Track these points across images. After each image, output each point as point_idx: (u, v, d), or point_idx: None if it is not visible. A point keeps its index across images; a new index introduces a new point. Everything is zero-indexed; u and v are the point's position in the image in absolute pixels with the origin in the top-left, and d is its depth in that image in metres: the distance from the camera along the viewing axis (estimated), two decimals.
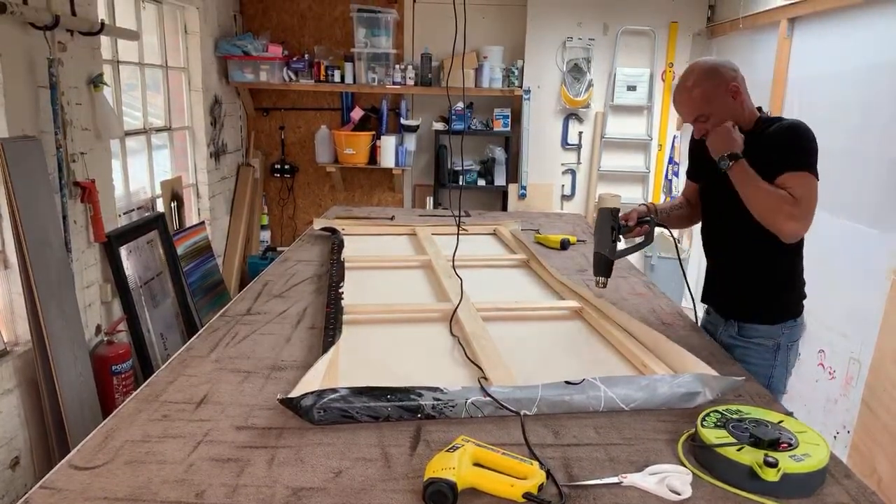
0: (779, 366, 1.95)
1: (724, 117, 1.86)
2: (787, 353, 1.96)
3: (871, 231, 2.90)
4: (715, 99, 1.86)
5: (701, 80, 1.88)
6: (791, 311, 1.96)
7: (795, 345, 1.98)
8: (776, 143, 1.79)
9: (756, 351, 1.94)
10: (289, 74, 5.22)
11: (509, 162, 5.42)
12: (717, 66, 1.90)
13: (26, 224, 2.73)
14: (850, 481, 1.23)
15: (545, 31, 5.21)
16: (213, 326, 1.95)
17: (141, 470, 1.21)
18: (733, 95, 1.86)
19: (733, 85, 1.86)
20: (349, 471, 1.23)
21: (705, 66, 1.90)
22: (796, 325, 1.96)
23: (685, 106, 1.92)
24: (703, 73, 1.89)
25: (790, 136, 1.79)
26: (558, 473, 1.22)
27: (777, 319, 1.94)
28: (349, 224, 3.24)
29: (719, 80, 1.86)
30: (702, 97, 1.87)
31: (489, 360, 1.68)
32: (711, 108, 1.87)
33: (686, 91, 1.90)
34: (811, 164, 1.75)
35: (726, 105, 1.86)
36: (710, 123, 1.88)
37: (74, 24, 3.10)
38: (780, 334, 1.94)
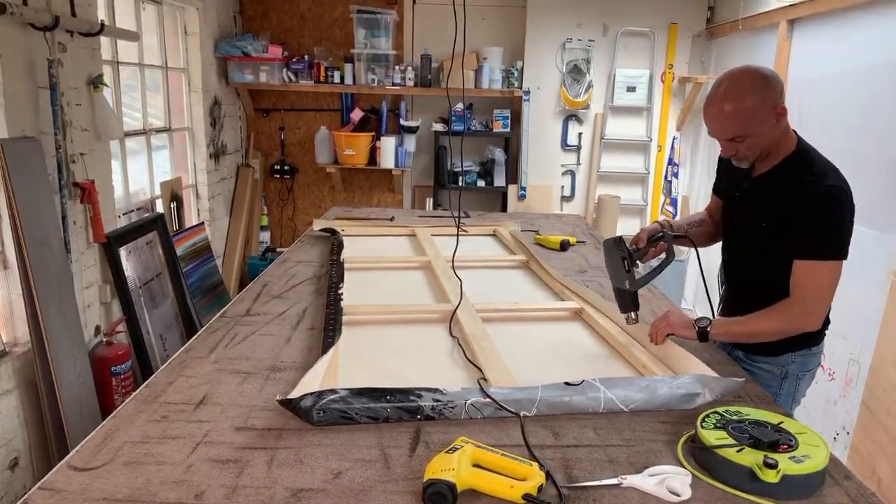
0: (784, 395, 1.83)
1: (762, 142, 1.62)
2: (795, 382, 1.83)
3: (871, 232, 2.90)
4: (756, 120, 1.57)
5: (743, 94, 1.56)
6: (803, 341, 1.77)
7: (809, 374, 1.85)
8: (803, 214, 1.59)
9: (761, 376, 1.83)
10: (288, 75, 5.22)
11: (509, 163, 5.42)
12: (765, 78, 1.58)
13: (26, 225, 2.73)
14: (850, 483, 1.23)
15: (545, 33, 5.21)
16: (212, 327, 1.95)
17: (140, 471, 1.21)
18: (777, 118, 1.58)
19: (781, 106, 1.58)
20: (349, 472, 1.22)
21: (750, 76, 1.58)
22: (809, 354, 1.82)
23: (717, 122, 1.62)
24: (747, 84, 1.57)
25: (817, 214, 1.57)
26: (558, 475, 1.22)
27: (782, 350, 1.79)
28: (349, 225, 3.24)
29: (765, 96, 1.56)
30: (740, 116, 1.58)
31: (489, 361, 1.68)
32: (750, 130, 1.59)
33: (722, 105, 1.59)
34: (832, 251, 1.58)
35: (766, 129, 1.59)
36: (745, 146, 1.63)
37: (74, 25, 3.10)
38: (790, 362, 1.81)
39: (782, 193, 1.66)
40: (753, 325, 1.66)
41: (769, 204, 1.70)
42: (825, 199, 1.57)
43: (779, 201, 1.66)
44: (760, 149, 1.66)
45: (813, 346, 1.83)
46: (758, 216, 1.74)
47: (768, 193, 1.71)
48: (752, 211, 1.77)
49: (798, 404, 1.91)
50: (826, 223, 1.58)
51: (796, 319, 1.63)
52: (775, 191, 1.69)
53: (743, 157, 1.68)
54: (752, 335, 1.71)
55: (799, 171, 1.64)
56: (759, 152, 1.67)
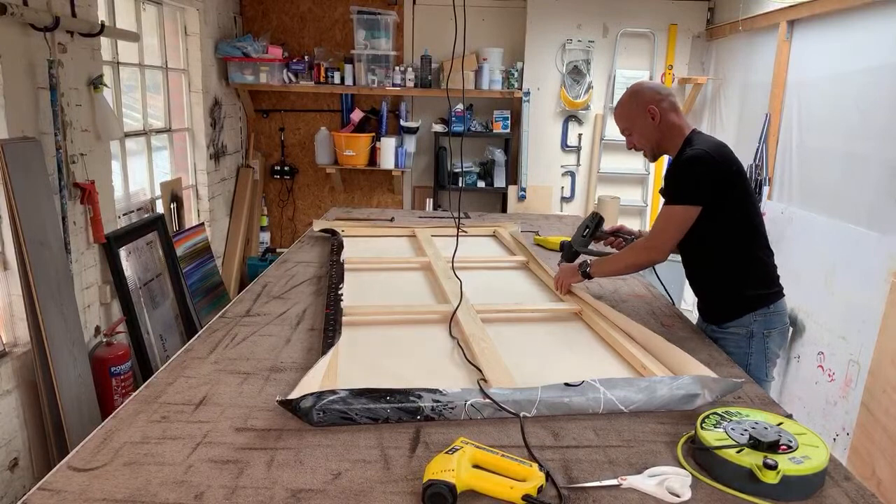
0: (755, 353, 2.01)
1: (643, 134, 2.09)
2: (763, 340, 2.01)
3: (870, 233, 2.90)
4: (634, 117, 2.09)
5: (626, 99, 2.12)
6: (757, 302, 2.02)
7: (775, 332, 2.03)
8: (670, 178, 2.02)
9: (732, 340, 2.03)
10: (289, 76, 5.23)
11: (509, 164, 5.42)
12: (642, 88, 2.12)
13: (26, 225, 2.73)
14: (850, 483, 1.23)
15: (545, 33, 5.21)
16: (212, 328, 1.95)
17: (140, 471, 1.21)
18: (651, 117, 2.05)
19: (651, 107, 2.04)
20: (348, 472, 1.22)
21: (632, 87, 2.15)
22: (769, 313, 2.02)
23: (616, 117, 2.20)
24: (629, 92, 2.13)
25: (676, 172, 1.99)
26: (558, 475, 1.22)
27: (741, 312, 2.02)
28: (349, 225, 3.24)
29: (639, 100, 2.07)
30: (625, 114, 2.13)
31: (488, 362, 1.68)
32: (632, 125, 2.11)
33: (617, 106, 2.19)
34: (676, 196, 1.96)
35: (645, 124, 2.07)
36: (634, 138, 2.12)
37: (75, 26, 3.10)
38: (751, 322, 2.01)
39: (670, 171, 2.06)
40: (618, 260, 2.14)
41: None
42: (684, 160, 1.98)
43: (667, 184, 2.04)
44: (649, 142, 2.10)
45: (769, 303, 2.03)
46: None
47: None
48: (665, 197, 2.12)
49: (773, 364, 2.07)
50: (680, 177, 1.98)
51: (643, 252, 2.05)
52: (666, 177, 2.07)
53: (640, 149, 2.14)
54: (620, 269, 2.17)
55: (681, 151, 2.04)
56: (651, 146, 2.11)
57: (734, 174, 1.97)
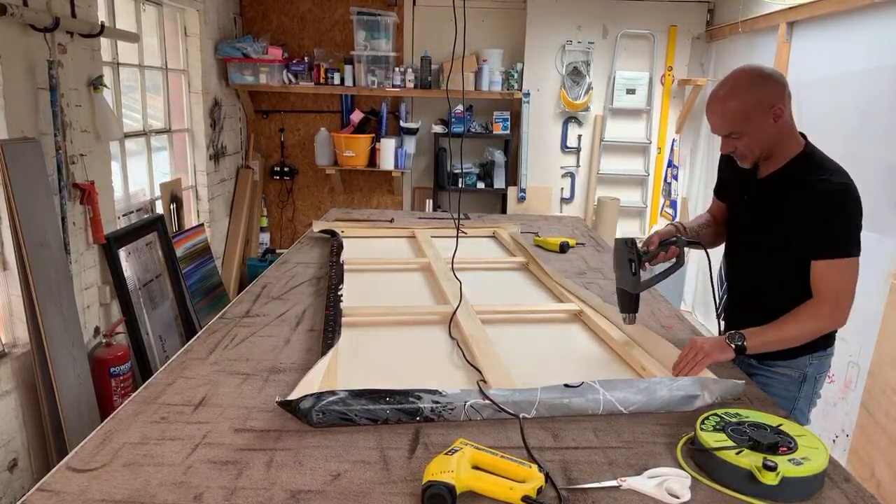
0: (803, 398, 1.82)
1: (758, 139, 1.64)
2: (813, 384, 1.81)
3: (870, 235, 2.89)
4: (754, 117, 1.61)
5: (739, 92, 1.62)
6: (821, 342, 1.76)
7: (823, 375, 1.84)
8: (816, 214, 1.60)
9: (778, 381, 1.80)
10: (288, 77, 5.23)
11: (508, 165, 5.42)
12: (765, 77, 1.62)
13: (25, 225, 2.73)
14: (849, 485, 1.23)
15: (545, 35, 5.22)
16: (211, 328, 1.95)
17: (139, 472, 1.21)
18: (774, 118, 1.62)
19: (778, 107, 1.61)
20: (348, 473, 1.22)
21: (749, 75, 1.63)
22: (825, 356, 1.82)
23: (717, 118, 1.67)
24: (745, 82, 1.62)
25: (833, 211, 1.58)
26: (557, 477, 1.22)
27: (799, 352, 1.76)
28: (348, 226, 3.24)
29: (762, 95, 1.60)
30: (737, 112, 1.62)
31: (488, 363, 1.68)
32: (746, 128, 1.63)
33: (720, 101, 1.64)
34: (849, 247, 1.60)
35: (764, 127, 1.62)
36: (743, 143, 1.66)
37: (74, 26, 3.10)
38: (807, 365, 1.79)
39: (790, 193, 1.66)
40: (786, 329, 1.64)
41: (776, 205, 1.70)
42: (838, 195, 1.58)
43: (786, 202, 1.66)
44: (759, 147, 1.68)
45: (829, 346, 1.82)
46: (764, 218, 1.75)
47: (775, 195, 1.71)
48: (759, 213, 1.77)
49: (815, 405, 1.88)
50: (842, 220, 1.59)
51: (826, 319, 1.63)
52: (782, 192, 1.68)
53: (742, 154, 1.70)
54: (786, 341, 1.67)
55: (807, 171, 1.65)
56: (759, 151, 1.69)
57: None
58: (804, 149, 1.70)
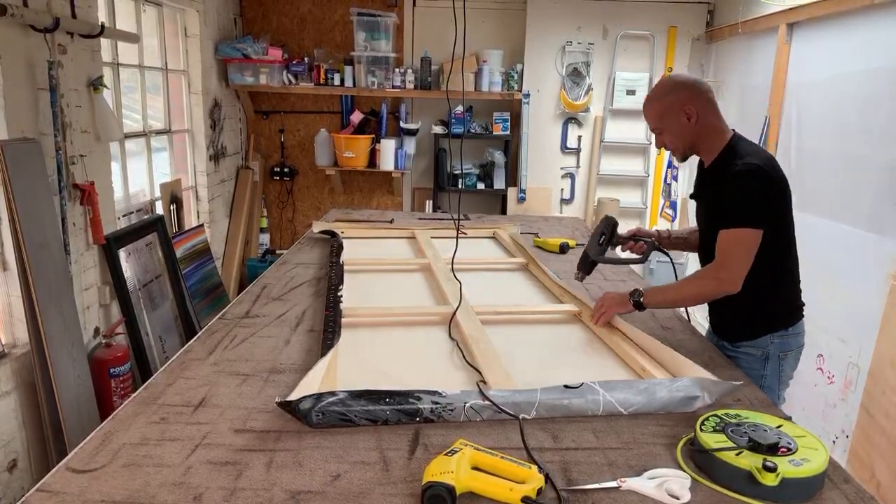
0: (769, 376, 1.91)
1: (676, 135, 1.90)
2: (778, 363, 1.91)
3: (870, 235, 2.90)
4: (667, 117, 1.89)
5: (660, 95, 1.92)
6: (779, 322, 1.92)
7: (791, 355, 1.94)
8: (725, 194, 1.81)
9: (744, 360, 1.92)
10: (288, 77, 5.23)
11: (508, 165, 5.42)
12: (679, 84, 1.91)
13: (25, 226, 2.73)
14: (849, 486, 1.23)
15: (545, 35, 5.22)
16: (211, 329, 1.95)
17: (139, 473, 1.21)
18: (687, 118, 1.86)
19: (688, 108, 1.85)
20: (347, 474, 1.22)
21: (668, 82, 1.94)
22: (788, 335, 1.92)
23: (646, 115, 1.97)
24: (664, 88, 1.92)
25: (733, 189, 1.79)
26: (557, 477, 1.22)
27: (760, 332, 1.91)
28: (348, 227, 3.24)
29: (675, 98, 1.87)
30: (657, 111, 1.91)
31: (488, 364, 1.68)
32: (663, 125, 1.91)
33: (647, 102, 1.95)
34: (747, 218, 1.77)
35: (678, 125, 1.88)
36: (666, 139, 1.93)
37: (75, 27, 3.10)
38: (769, 343, 1.91)
39: (718, 183, 1.87)
40: (682, 289, 1.90)
41: (713, 195, 1.90)
42: (742, 174, 1.79)
43: (716, 190, 1.87)
44: (681, 143, 1.92)
45: (789, 326, 1.93)
46: (705, 207, 1.98)
47: (709, 184, 1.94)
48: (704, 204, 1.99)
49: (786, 386, 1.99)
50: (741, 194, 1.78)
51: (717, 281, 1.80)
52: (714, 181, 1.90)
53: (672, 150, 1.97)
54: (682, 299, 1.94)
55: (726, 158, 1.88)
56: (682, 146, 1.93)
57: (785, 189, 1.85)
58: (729, 141, 1.90)
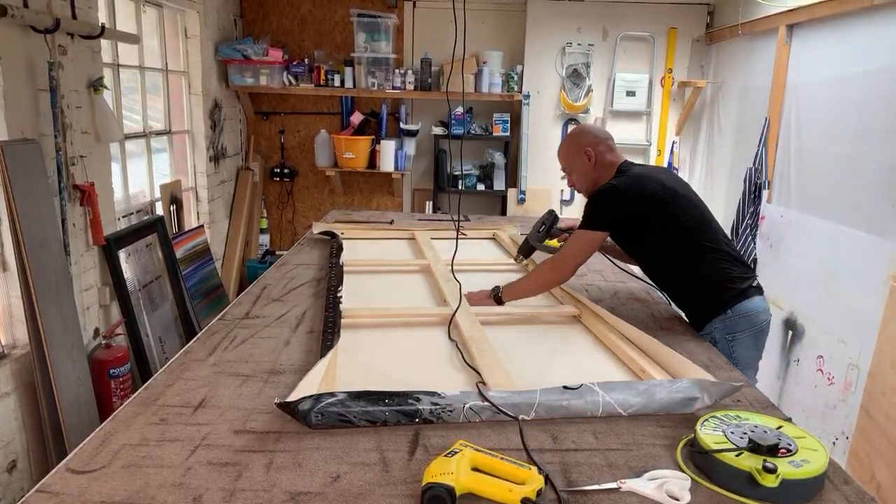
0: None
1: (581, 173, 2.27)
2: (727, 346, 2.05)
3: (870, 237, 2.90)
4: (573, 157, 2.27)
5: (566, 141, 2.34)
6: (714, 309, 2.08)
7: (743, 336, 2.06)
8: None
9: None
10: (289, 78, 5.23)
11: (508, 166, 5.42)
12: (581, 132, 2.33)
13: (25, 227, 2.73)
14: (849, 487, 1.23)
15: (545, 37, 5.22)
16: (211, 330, 1.95)
17: (138, 474, 1.21)
18: (588, 158, 2.22)
19: (588, 149, 2.22)
20: (347, 475, 1.22)
21: (573, 131, 2.38)
22: (728, 318, 2.06)
23: (559, 156, 2.36)
24: (570, 135, 2.36)
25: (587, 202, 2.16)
26: (557, 479, 1.22)
27: (703, 321, 2.10)
28: (348, 228, 3.24)
29: (578, 142, 2.26)
30: (564, 154, 2.33)
31: (487, 365, 1.68)
32: (570, 165, 2.30)
33: (560, 146, 2.37)
34: (584, 223, 2.13)
35: (582, 164, 2.24)
36: (574, 178, 2.31)
37: (75, 28, 3.10)
38: (713, 329, 2.07)
39: None
40: (524, 282, 2.23)
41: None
42: (595, 192, 2.16)
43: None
44: (585, 181, 2.27)
45: (728, 308, 2.06)
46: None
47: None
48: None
49: (752, 369, 2.11)
50: (588, 205, 2.14)
51: (549, 273, 2.18)
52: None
53: (578, 189, 2.33)
54: (528, 289, 2.22)
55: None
56: (587, 184, 2.26)
57: (648, 201, 2.06)
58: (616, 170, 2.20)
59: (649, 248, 2.17)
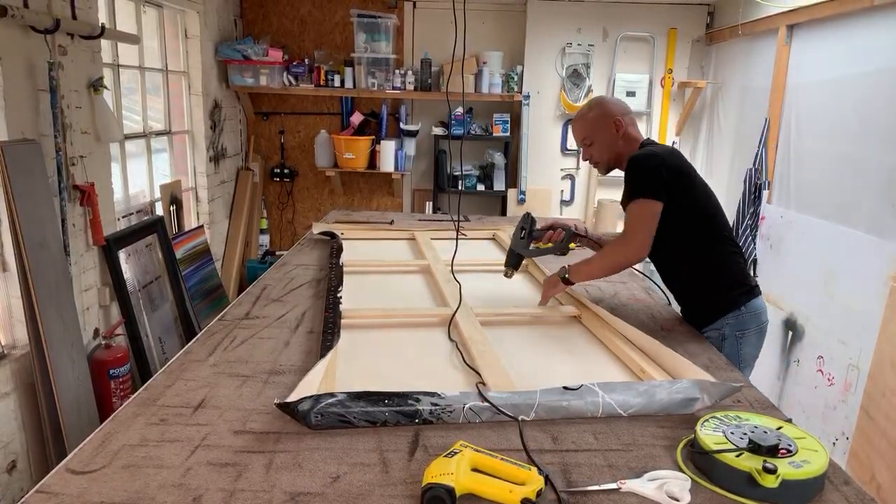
0: (727, 355, 1.99)
1: (605, 145, 2.14)
2: (736, 343, 2.03)
3: (870, 237, 2.90)
4: (598, 128, 2.14)
5: (590, 110, 2.18)
6: (728, 305, 2.05)
7: (750, 333, 2.05)
8: (626, 181, 2.06)
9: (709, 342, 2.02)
10: (289, 79, 5.23)
11: (508, 167, 5.43)
12: (607, 101, 2.21)
13: (25, 227, 2.73)
14: (849, 488, 1.23)
15: (545, 37, 5.22)
16: (211, 330, 1.95)
17: (138, 474, 1.21)
18: (616, 128, 2.12)
19: (617, 119, 2.12)
20: (347, 476, 1.22)
21: (596, 99, 2.23)
22: (741, 315, 2.03)
23: (577, 128, 2.21)
24: (595, 103, 2.20)
25: (628, 172, 2.04)
26: (557, 479, 1.22)
27: (714, 316, 2.05)
28: (348, 228, 3.24)
29: (605, 111, 2.15)
30: (588, 124, 2.17)
31: (487, 366, 1.68)
32: (594, 135, 2.15)
33: (579, 116, 2.21)
34: (640, 191, 1.98)
35: (608, 135, 2.13)
36: (594, 149, 2.16)
37: (75, 28, 3.10)
38: (724, 325, 2.04)
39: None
40: (598, 262, 2.07)
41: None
42: (635, 159, 2.03)
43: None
44: (608, 153, 2.15)
45: (742, 304, 2.04)
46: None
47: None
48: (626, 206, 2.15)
49: (749, 367, 2.08)
50: (631, 173, 2.03)
51: (621, 251, 2.02)
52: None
53: (596, 161, 2.19)
54: (597, 272, 2.10)
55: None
56: (609, 157, 2.16)
57: (683, 175, 2.01)
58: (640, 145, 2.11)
59: (672, 230, 2.02)
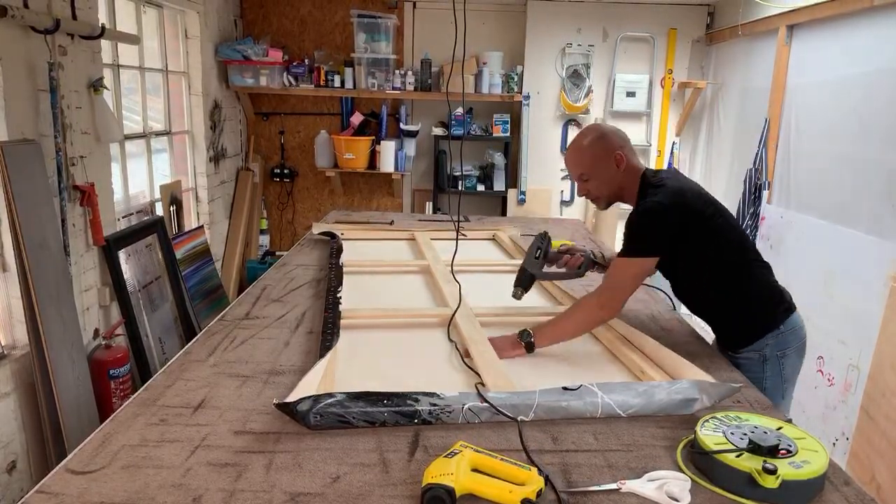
0: (770, 376, 1.92)
1: (605, 181, 1.96)
2: (777, 362, 1.93)
3: (870, 237, 2.90)
4: (598, 163, 1.95)
5: (589, 142, 1.97)
6: (766, 326, 1.93)
7: (789, 352, 1.95)
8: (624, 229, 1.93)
9: (746, 365, 1.93)
10: (289, 79, 5.23)
11: (508, 167, 5.42)
12: (606, 132, 2.00)
13: (25, 227, 2.73)
14: (849, 488, 1.23)
15: (545, 37, 5.22)
16: (211, 330, 1.95)
17: (138, 474, 1.21)
18: (617, 164, 1.94)
19: (619, 153, 1.93)
20: (347, 476, 1.22)
21: (594, 130, 2.01)
22: (781, 333, 1.93)
23: (573, 162, 2.02)
24: (593, 135, 1.98)
25: (628, 223, 1.90)
26: (557, 479, 1.22)
27: (753, 338, 1.93)
28: (348, 228, 3.24)
29: (606, 144, 1.95)
30: (586, 159, 1.97)
31: (487, 366, 1.68)
32: (593, 171, 1.97)
33: (575, 149, 2.01)
34: (630, 250, 1.86)
35: (608, 171, 1.95)
36: (591, 185, 1.98)
37: (75, 28, 3.10)
38: (764, 346, 1.92)
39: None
40: (561, 324, 1.90)
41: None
42: (636, 212, 1.89)
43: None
44: (607, 189, 1.98)
45: (780, 324, 1.93)
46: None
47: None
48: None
49: (792, 385, 1.99)
50: (629, 228, 1.88)
51: (595, 310, 1.87)
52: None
53: (595, 197, 2.02)
54: (564, 333, 1.90)
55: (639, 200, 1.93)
56: (608, 194, 1.99)
57: (697, 217, 1.86)
58: (640, 180, 1.95)
59: (693, 267, 1.93)
